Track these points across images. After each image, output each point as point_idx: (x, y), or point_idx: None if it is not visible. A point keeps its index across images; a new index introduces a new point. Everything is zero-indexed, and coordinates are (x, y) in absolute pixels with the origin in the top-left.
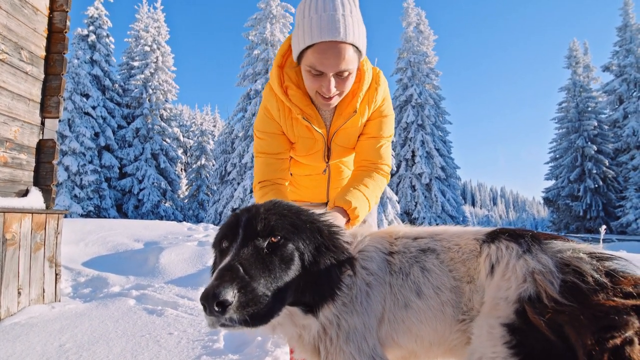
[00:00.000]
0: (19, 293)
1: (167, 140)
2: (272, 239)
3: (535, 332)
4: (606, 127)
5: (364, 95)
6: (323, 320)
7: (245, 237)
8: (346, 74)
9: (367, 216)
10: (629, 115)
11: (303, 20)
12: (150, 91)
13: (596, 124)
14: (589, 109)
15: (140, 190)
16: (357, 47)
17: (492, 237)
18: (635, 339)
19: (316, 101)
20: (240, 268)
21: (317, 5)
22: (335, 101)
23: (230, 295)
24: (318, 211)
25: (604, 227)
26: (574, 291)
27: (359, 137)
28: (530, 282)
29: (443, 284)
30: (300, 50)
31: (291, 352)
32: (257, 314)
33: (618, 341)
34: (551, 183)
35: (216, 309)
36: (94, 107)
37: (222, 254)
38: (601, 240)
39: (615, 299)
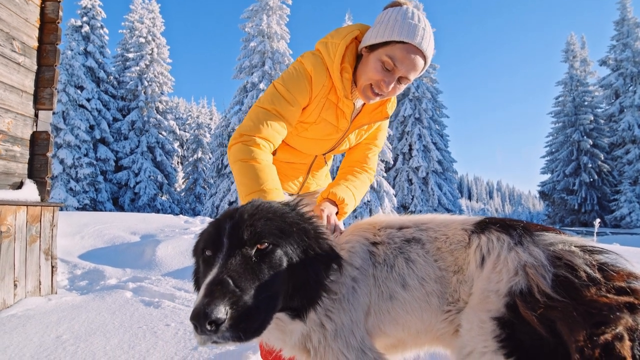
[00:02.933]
0: (15, 285)
1: (163, 133)
2: (260, 245)
3: (526, 326)
4: (602, 121)
5: (389, 107)
6: (309, 322)
7: (231, 245)
8: (404, 83)
9: None
10: (625, 110)
11: (404, 20)
12: (146, 83)
13: (592, 118)
14: (586, 103)
15: (137, 183)
16: (424, 67)
17: (482, 228)
18: (625, 335)
19: (363, 92)
20: (230, 281)
21: (417, 17)
22: (376, 100)
23: (222, 312)
24: (303, 206)
25: (598, 220)
26: (566, 286)
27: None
28: (522, 276)
29: (428, 274)
30: (388, 40)
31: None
32: (250, 328)
33: (609, 337)
34: (547, 177)
35: (208, 328)
36: (88, 100)
37: (207, 263)
38: (595, 234)
39: (608, 295)
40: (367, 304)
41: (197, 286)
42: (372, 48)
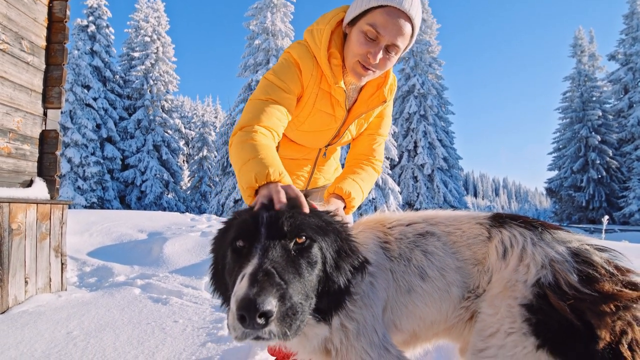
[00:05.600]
0: (26, 282)
1: (169, 131)
2: (298, 239)
3: (555, 314)
4: (611, 116)
5: (387, 91)
6: (333, 326)
7: (270, 236)
8: (394, 52)
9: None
10: (634, 105)
11: None
12: (151, 82)
13: (600, 113)
14: (594, 98)
15: (143, 181)
16: (412, 32)
17: (500, 222)
18: (633, 321)
19: (353, 69)
20: (275, 272)
21: None
22: (369, 76)
23: (273, 305)
24: (329, 210)
25: (606, 217)
26: (591, 281)
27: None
28: (549, 269)
29: (448, 265)
30: (367, 9)
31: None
32: (294, 324)
33: (625, 324)
34: (554, 173)
35: (259, 321)
36: (95, 99)
37: (239, 254)
38: (603, 231)
39: (624, 290)
40: (384, 299)
41: (217, 281)
42: (353, 22)
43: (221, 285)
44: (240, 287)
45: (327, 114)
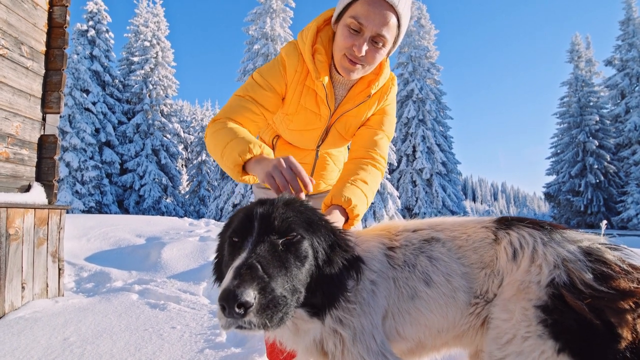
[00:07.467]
0: (23, 287)
1: (168, 136)
2: (287, 236)
3: (573, 314)
4: (608, 121)
5: (378, 89)
6: (327, 324)
7: (261, 232)
8: (380, 44)
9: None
10: (631, 110)
11: None
12: (151, 87)
13: (598, 118)
14: (591, 103)
15: (141, 186)
16: (399, 23)
17: (507, 225)
18: None
19: (341, 65)
20: (259, 266)
21: None
22: (357, 71)
23: (252, 296)
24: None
25: (604, 222)
26: (606, 279)
27: (358, 128)
28: (562, 269)
29: (453, 270)
30: (349, 2)
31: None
32: (275, 316)
33: None
34: (552, 178)
35: (237, 310)
36: (94, 103)
37: (234, 247)
38: (602, 236)
39: None
40: (384, 307)
41: (218, 270)
42: (338, 19)
43: (221, 276)
44: (225, 279)
45: (312, 112)
